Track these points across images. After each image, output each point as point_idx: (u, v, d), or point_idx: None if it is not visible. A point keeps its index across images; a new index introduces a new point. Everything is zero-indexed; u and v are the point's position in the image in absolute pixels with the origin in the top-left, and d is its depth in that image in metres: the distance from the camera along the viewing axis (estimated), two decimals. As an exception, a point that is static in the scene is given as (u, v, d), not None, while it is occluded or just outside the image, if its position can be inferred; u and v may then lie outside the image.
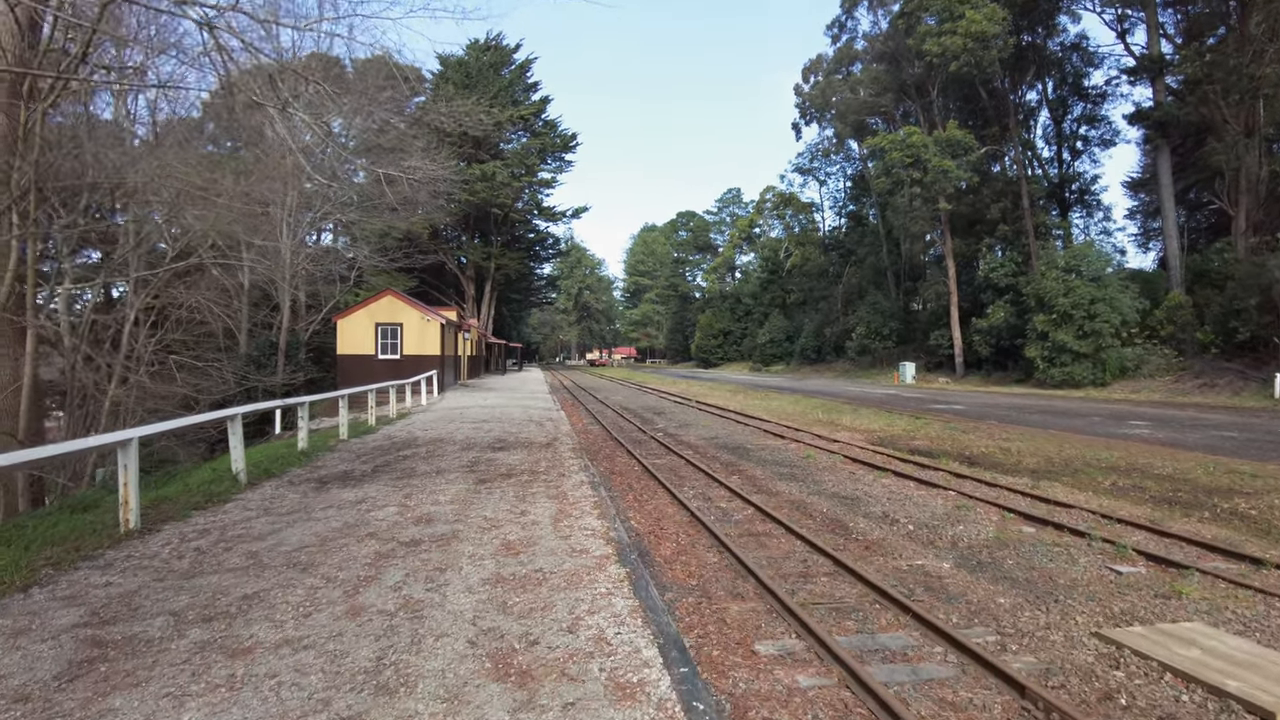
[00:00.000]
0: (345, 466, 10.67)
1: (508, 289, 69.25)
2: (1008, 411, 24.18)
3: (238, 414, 9.16)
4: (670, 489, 10.54)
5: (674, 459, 14.11)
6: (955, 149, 41.38)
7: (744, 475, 12.23)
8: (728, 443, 16.53)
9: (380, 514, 7.32)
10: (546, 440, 14.07)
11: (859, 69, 59.07)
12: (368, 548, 6.08)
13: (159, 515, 7.46)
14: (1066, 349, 37.07)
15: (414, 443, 13.53)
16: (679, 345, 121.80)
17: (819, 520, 9.06)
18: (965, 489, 10.85)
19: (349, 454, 12.07)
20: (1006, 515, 9.15)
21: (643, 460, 13.44)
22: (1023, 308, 42.00)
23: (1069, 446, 15.54)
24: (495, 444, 13.32)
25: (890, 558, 7.43)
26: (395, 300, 28.62)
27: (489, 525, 6.84)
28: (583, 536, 6.49)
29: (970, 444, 16.41)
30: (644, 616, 4.58)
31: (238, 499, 8.32)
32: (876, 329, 57.93)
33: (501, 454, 11.95)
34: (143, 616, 4.53)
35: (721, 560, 7.25)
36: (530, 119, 63.16)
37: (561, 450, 12.73)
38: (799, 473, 12.41)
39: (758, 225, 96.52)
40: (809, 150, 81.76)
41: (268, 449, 13.45)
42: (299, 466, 10.77)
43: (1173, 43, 40.41)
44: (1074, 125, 50.13)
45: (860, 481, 11.58)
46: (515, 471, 10.22)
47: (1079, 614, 5.77)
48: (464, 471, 10.15)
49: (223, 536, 6.51)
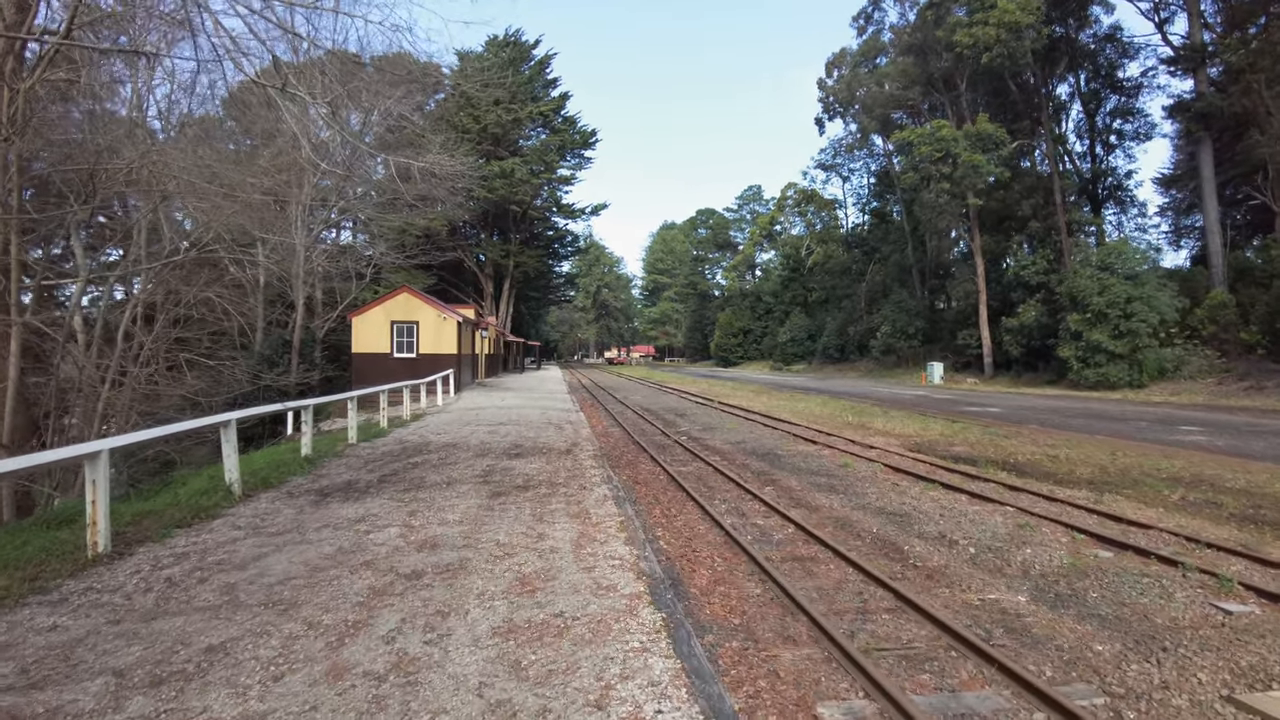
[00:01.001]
0: (349, 476, 9.90)
1: (526, 287, 68.63)
2: (1047, 414, 23.08)
3: (231, 420, 8.41)
4: (700, 502, 9.70)
5: (701, 466, 13.25)
6: (986, 143, 40.12)
7: (779, 486, 11.34)
8: (756, 448, 15.63)
9: (381, 536, 6.52)
10: (566, 446, 13.25)
11: (885, 62, 57.78)
12: (362, 581, 5.27)
13: (137, 534, 6.71)
14: (1101, 349, 35.77)
15: (426, 448, 12.77)
16: (697, 344, 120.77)
17: (869, 541, 8.17)
18: (1022, 503, 9.91)
19: (356, 461, 11.32)
20: (1076, 536, 8.22)
21: (668, 468, 12.60)
22: (1054, 306, 40.69)
23: (1122, 454, 14.50)
24: (511, 450, 12.52)
25: (957, 589, 6.53)
26: (411, 297, 27.93)
27: (502, 552, 6.01)
28: (609, 568, 5.64)
29: (1014, 450, 15.41)
30: (689, 685, 3.73)
31: (228, 514, 7.57)
32: (902, 328, 56.64)
33: (518, 461, 11.15)
34: (80, 676, 3.75)
35: (765, 592, 6.40)
36: (550, 115, 62.51)
37: (582, 457, 11.91)
38: (838, 484, 11.50)
39: (779, 222, 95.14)
40: (831, 146, 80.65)
41: (272, 454, 12.74)
42: (301, 475, 10.03)
43: (1213, 31, 38.95)
44: (1107, 119, 48.56)
45: (907, 494, 10.65)
46: (532, 482, 9.41)
47: (1199, 669, 4.85)
48: (477, 482, 9.35)
49: (200, 563, 5.74)
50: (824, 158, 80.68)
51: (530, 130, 62.81)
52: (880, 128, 59.32)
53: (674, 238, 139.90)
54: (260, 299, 30.48)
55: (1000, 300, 47.63)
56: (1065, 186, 44.21)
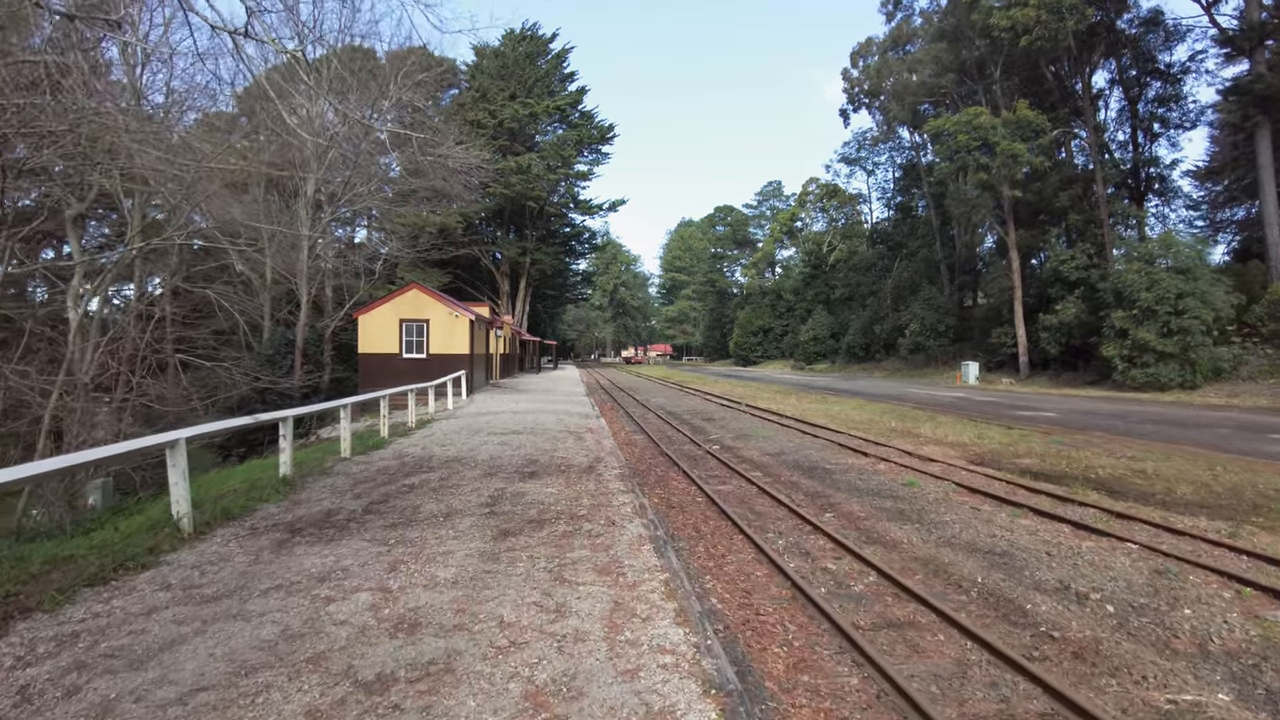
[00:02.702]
0: (330, 503, 8.27)
1: (542, 285, 67.12)
2: (1107, 420, 21.16)
3: (179, 439, 6.79)
4: (751, 536, 8.02)
5: (742, 484, 11.55)
6: (1025, 131, 38.02)
7: (839, 513, 9.61)
8: (800, 461, 13.90)
9: (345, 608, 4.83)
10: (587, 462, 11.57)
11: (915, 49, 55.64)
12: (301, 696, 3.59)
13: (29, 596, 5.10)
14: (1150, 348, 33.66)
15: (427, 464, 11.14)
16: (716, 342, 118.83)
17: (976, 596, 6.44)
18: (1141, 537, 8.15)
19: (343, 481, 9.70)
20: (1243, 591, 6.45)
21: (704, 486, 10.92)
22: (1096, 303, 38.53)
23: (1224, 470, 12.64)
24: (525, 467, 10.86)
25: (1126, 678, 4.81)
26: (421, 294, 26.33)
27: (507, 640, 4.27)
28: (658, 670, 3.90)
29: (1093, 464, 13.59)
30: None
31: (164, 563, 5.96)
32: (932, 326, 54.50)
33: (532, 484, 9.48)
34: None
35: (865, 684, 4.71)
36: (566, 109, 60.98)
37: (606, 476, 10.23)
38: (908, 509, 9.75)
39: (800, 218, 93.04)
40: (855, 139, 78.59)
41: (253, 469, 11.17)
42: (275, 501, 8.42)
43: (1269, 11, 36.66)
44: (1150, 106, 46.20)
45: (994, 524, 8.90)
46: (549, 514, 7.73)
47: None
48: (481, 514, 7.69)
49: (87, 654, 4.10)
50: (848, 151, 78.80)
51: (547, 125, 61.36)
52: (910, 118, 57.15)
53: (692, 235, 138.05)
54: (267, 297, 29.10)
55: (1036, 297, 45.47)
56: (1107, 177, 41.96)
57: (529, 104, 56.21)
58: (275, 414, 9.23)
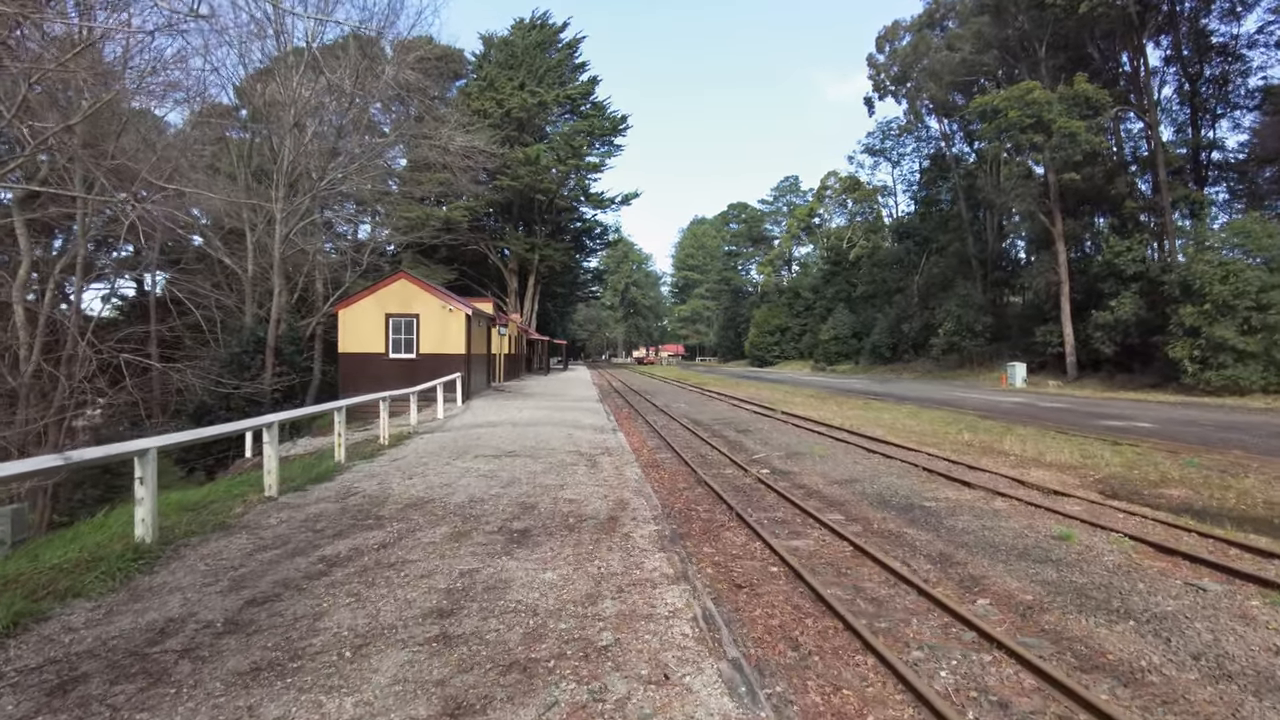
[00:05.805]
0: (181, 604, 4.96)
1: (552, 282, 63.90)
2: (1221, 432, 17.73)
3: None
4: (893, 664, 4.71)
5: (824, 537, 8.24)
6: (1083, 109, 34.44)
7: (993, 595, 6.27)
8: (884, 494, 10.55)
9: None
10: (607, 509, 8.22)
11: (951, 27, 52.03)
12: None
13: None
14: (1227, 347, 30.14)
15: (375, 511, 7.88)
16: (730, 342, 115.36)
17: None
18: None
19: (237, 549, 6.40)
20: None
21: (770, 541, 7.64)
22: (1157, 298, 34.98)
23: None
24: (514, 519, 7.54)
25: None
26: (410, 284, 22.98)
27: None
28: None
29: (1272, 498, 10.19)
30: None
31: None
32: (968, 324, 50.89)
33: (520, 560, 6.10)
34: None
35: None
36: (578, 100, 57.88)
37: (636, 538, 6.93)
38: (1090, 586, 6.39)
39: (818, 214, 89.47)
40: (880, 129, 75.02)
41: (98, 528, 7.90)
42: (91, 596, 5.16)
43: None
44: (1209, 86, 42.47)
45: (1255, 625, 5.54)
46: (543, 644, 4.34)
47: None
48: (420, 647, 4.33)
49: None
50: (872, 142, 75.45)
51: (557, 115, 58.21)
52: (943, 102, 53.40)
53: (705, 233, 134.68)
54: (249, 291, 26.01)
55: (1084, 292, 41.84)
56: (1169, 161, 38.27)
57: (538, 93, 53.04)
58: (135, 444, 5.95)
